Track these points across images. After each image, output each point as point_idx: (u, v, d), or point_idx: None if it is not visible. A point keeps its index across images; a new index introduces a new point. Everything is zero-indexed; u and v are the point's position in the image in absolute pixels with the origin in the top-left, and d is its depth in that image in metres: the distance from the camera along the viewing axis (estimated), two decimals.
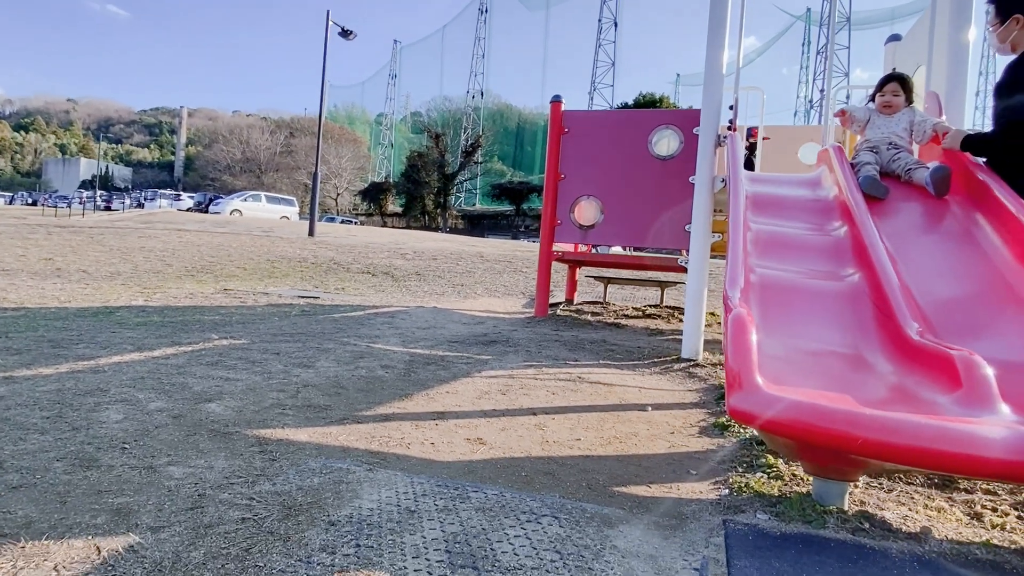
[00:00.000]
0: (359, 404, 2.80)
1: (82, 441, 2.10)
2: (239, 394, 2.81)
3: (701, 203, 4.27)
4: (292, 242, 13.57)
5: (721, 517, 1.74)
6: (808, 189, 3.91)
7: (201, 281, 8.26)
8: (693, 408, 3.06)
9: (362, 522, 1.58)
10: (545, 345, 4.61)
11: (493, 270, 10.95)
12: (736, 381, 1.69)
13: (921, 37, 4.85)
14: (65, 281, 7.62)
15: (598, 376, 3.64)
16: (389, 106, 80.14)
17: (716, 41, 4.22)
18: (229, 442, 2.18)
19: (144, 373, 3.11)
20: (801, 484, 2.00)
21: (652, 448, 2.40)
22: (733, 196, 3.29)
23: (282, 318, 5.39)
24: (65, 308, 5.44)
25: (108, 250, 10.89)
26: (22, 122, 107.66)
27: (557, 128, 6.06)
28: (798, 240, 3.20)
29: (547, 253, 6.11)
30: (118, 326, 4.55)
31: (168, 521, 1.55)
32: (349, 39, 17.99)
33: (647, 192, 5.68)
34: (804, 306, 2.66)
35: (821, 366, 2.31)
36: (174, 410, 2.51)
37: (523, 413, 2.80)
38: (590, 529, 1.62)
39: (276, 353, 3.79)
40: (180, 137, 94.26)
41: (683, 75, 71.28)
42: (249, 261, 10.60)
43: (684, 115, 5.71)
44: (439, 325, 5.42)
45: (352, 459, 2.09)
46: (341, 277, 9.58)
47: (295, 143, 63.52)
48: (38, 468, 1.85)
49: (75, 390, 2.74)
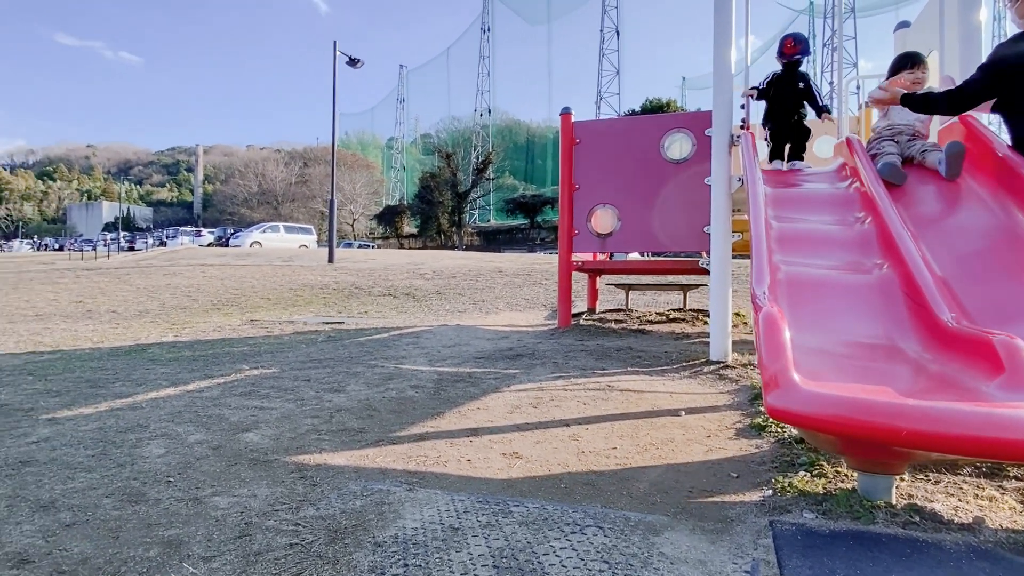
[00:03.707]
0: (393, 425, 2.82)
1: (128, 476, 2.15)
2: (275, 422, 2.85)
3: (719, 204, 4.25)
4: (313, 270, 13.74)
5: (767, 518, 1.72)
6: (827, 182, 3.89)
7: (227, 314, 8.39)
8: (727, 410, 3.03)
9: (407, 542, 1.59)
10: (571, 356, 4.60)
11: (512, 284, 10.97)
12: (772, 380, 1.68)
13: (931, 22, 4.81)
14: (96, 322, 7.79)
15: (627, 384, 3.63)
16: (399, 130, 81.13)
17: (722, 42, 4.23)
18: (270, 470, 2.21)
19: (181, 407, 3.16)
20: (846, 480, 1.97)
21: (689, 453, 2.38)
22: (752, 195, 3.28)
23: (309, 345, 5.45)
24: (99, 348, 5.56)
25: (135, 289, 11.12)
26: (45, 170, 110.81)
27: (569, 139, 6.09)
28: (821, 234, 3.18)
29: (566, 263, 6.12)
30: (151, 363, 4.64)
31: (219, 550, 1.57)
32: (357, 67, 18.30)
33: (663, 196, 5.68)
34: (833, 300, 2.63)
35: (856, 359, 2.28)
36: (213, 441, 2.55)
37: (556, 425, 2.80)
38: (635, 537, 1.61)
39: (307, 380, 3.83)
40: (197, 174, 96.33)
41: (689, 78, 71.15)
42: (272, 291, 10.75)
43: (695, 117, 5.70)
44: (464, 342, 5.44)
45: (391, 480, 2.10)
46: (363, 301, 9.67)
47: (309, 172, 64.54)
48: (88, 505, 1.89)
49: (116, 427, 2.79)
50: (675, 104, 47.35)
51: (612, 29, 60.28)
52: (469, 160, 57.46)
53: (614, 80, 59.76)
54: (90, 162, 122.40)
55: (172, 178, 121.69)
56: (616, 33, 60.15)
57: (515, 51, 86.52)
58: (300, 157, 72.21)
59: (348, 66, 18.17)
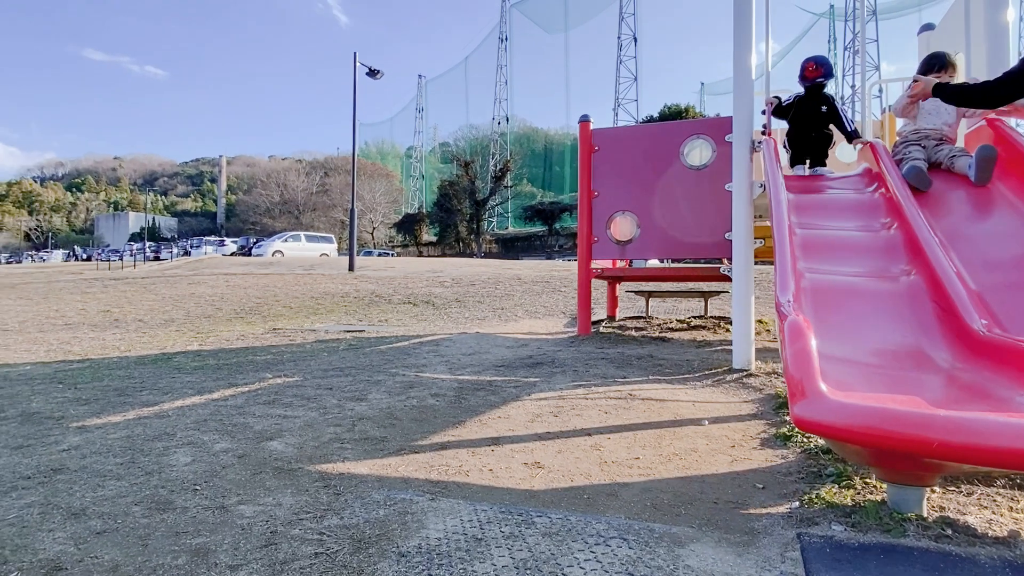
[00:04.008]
0: (414, 434, 2.83)
1: (156, 485, 2.18)
2: (298, 431, 2.88)
3: (740, 210, 4.22)
4: (333, 278, 13.87)
5: (795, 530, 1.69)
6: (851, 188, 3.84)
7: (250, 322, 8.50)
8: (751, 420, 2.99)
9: (431, 552, 1.59)
10: (592, 364, 4.58)
11: (532, 292, 10.96)
12: (799, 389, 1.66)
13: (956, 23, 4.74)
14: (124, 331, 7.94)
15: (649, 392, 3.60)
16: (418, 139, 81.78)
17: (742, 47, 4.21)
18: (294, 478, 2.23)
19: (206, 415, 3.21)
20: (875, 492, 1.93)
21: (714, 463, 2.35)
22: (774, 201, 3.25)
23: (331, 353, 5.50)
24: (126, 357, 5.66)
25: (161, 298, 11.32)
26: (75, 182, 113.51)
27: (587, 147, 6.09)
28: (846, 241, 3.13)
29: (586, 271, 6.10)
30: (177, 371, 4.72)
31: (245, 559, 1.59)
32: (376, 78, 18.51)
33: (683, 203, 5.64)
34: (860, 308, 2.59)
35: (884, 369, 2.24)
36: (238, 450, 2.58)
37: (577, 434, 2.79)
38: (660, 549, 1.59)
39: (329, 388, 3.87)
40: (221, 185, 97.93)
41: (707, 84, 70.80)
42: (294, 300, 10.87)
43: (715, 123, 5.67)
44: (484, 350, 5.44)
45: (414, 489, 2.11)
46: (383, 309, 9.74)
47: (330, 182, 65.23)
48: (118, 513, 1.93)
49: (144, 436, 2.84)
50: (694, 110, 47.11)
51: (629, 36, 60.25)
52: (487, 168, 57.69)
53: (632, 87, 59.66)
54: (117, 174, 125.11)
55: (196, 189, 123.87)
56: (633, 40, 60.10)
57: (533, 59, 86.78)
58: (321, 167, 73.07)
59: (368, 77, 18.39)
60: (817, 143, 4.43)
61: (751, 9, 4.20)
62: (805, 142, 4.44)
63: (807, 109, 4.44)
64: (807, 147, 4.44)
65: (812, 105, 4.43)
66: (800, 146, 4.46)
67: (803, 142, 4.45)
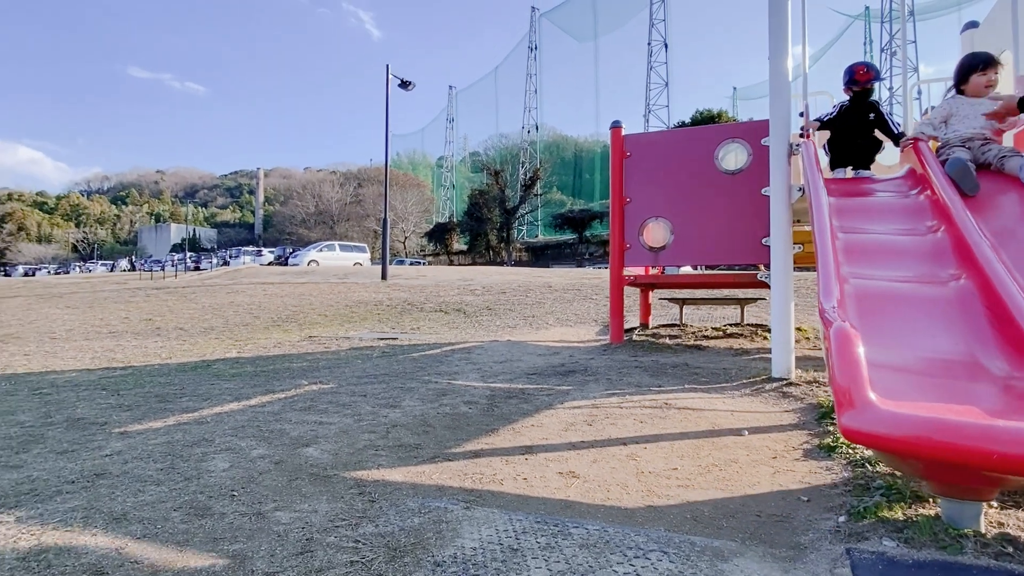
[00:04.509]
0: (448, 441, 2.82)
1: (194, 490, 2.21)
2: (333, 437, 2.89)
3: (779, 214, 4.12)
4: (367, 287, 14.03)
5: (843, 545, 1.62)
6: (895, 190, 3.71)
7: (287, 330, 8.64)
8: (793, 430, 2.90)
9: (467, 562, 1.57)
10: (625, 372, 4.52)
11: (563, 299, 10.91)
12: (846, 398, 1.60)
13: (1003, 20, 4.57)
14: (165, 339, 8.15)
15: (685, 401, 3.53)
16: (448, 149, 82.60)
17: (778, 49, 4.12)
18: (329, 485, 2.23)
19: (244, 422, 3.25)
20: (927, 506, 1.85)
21: (755, 474, 2.28)
22: (815, 205, 3.16)
23: (365, 360, 5.54)
24: (167, 364, 5.80)
25: (201, 307, 11.60)
26: (119, 195, 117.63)
27: (619, 153, 6.04)
28: (891, 245, 3.03)
29: (618, 278, 6.04)
30: (216, 378, 4.81)
31: (281, 566, 1.59)
32: (408, 90, 18.74)
33: (718, 208, 5.55)
34: (907, 314, 2.50)
35: (935, 377, 2.14)
36: (275, 456, 2.61)
37: (612, 444, 2.74)
38: (702, 563, 1.54)
39: (363, 395, 3.89)
40: (258, 196, 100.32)
41: (740, 88, 69.86)
42: (329, 308, 11.02)
43: (750, 127, 5.57)
44: (515, 358, 5.42)
45: (448, 497, 2.09)
46: (415, 317, 9.80)
47: (363, 192, 66.28)
48: (158, 518, 1.95)
49: (183, 441, 2.89)
50: (726, 115, 46.50)
51: (660, 42, 59.92)
52: (517, 176, 57.91)
53: (662, 93, 59.25)
54: (159, 186, 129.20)
55: (235, 200, 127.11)
56: (664, 45, 59.74)
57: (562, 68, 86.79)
58: (354, 178, 74.31)
59: (400, 88, 18.63)
60: (864, 149, 4.26)
61: (787, 11, 4.12)
62: (850, 148, 4.27)
63: (854, 119, 4.27)
64: (852, 153, 4.27)
65: (860, 113, 4.26)
66: (844, 152, 4.30)
67: (848, 148, 4.28)
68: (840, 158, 4.30)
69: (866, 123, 4.24)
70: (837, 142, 4.34)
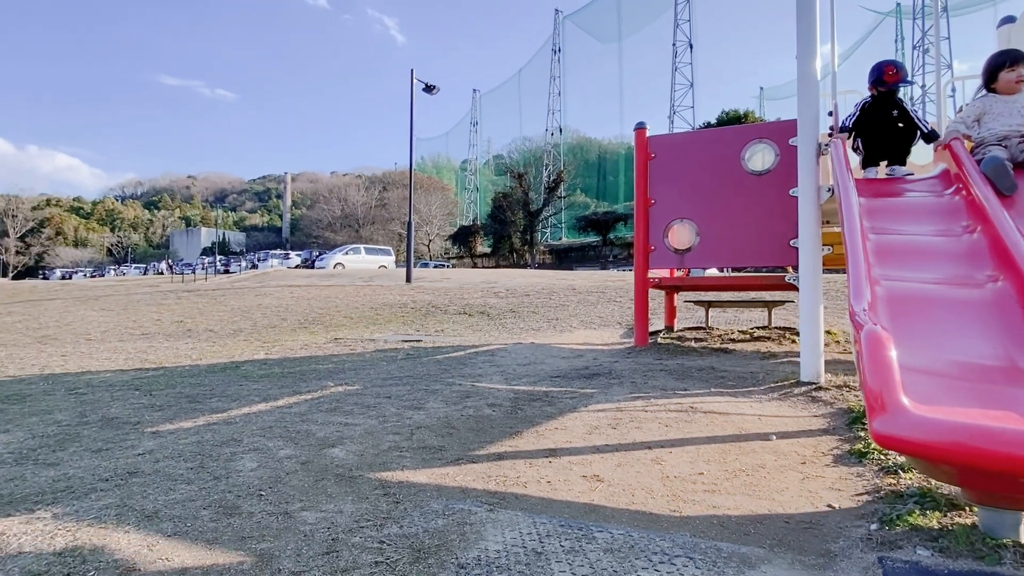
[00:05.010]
0: (471, 444, 2.82)
1: (223, 490, 2.25)
2: (358, 438, 2.92)
3: (807, 216, 4.05)
4: (392, 289, 14.15)
5: (875, 554, 1.58)
6: (928, 190, 3.62)
7: (313, 332, 8.75)
8: (822, 435, 2.84)
9: (491, 564, 1.57)
10: (650, 375, 4.48)
11: (586, 302, 10.86)
12: (878, 403, 1.56)
13: None
14: (195, 340, 8.31)
15: (711, 405, 3.48)
16: (472, 152, 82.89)
17: (807, 47, 4.05)
18: (354, 486, 2.25)
19: (271, 422, 3.30)
20: (964, 515, 1.80)
21: (783, 480, 2.24)
22: (845, 205, 3.10)
23: (389, 362, 5.58)
24: (197, 365, 5.92)
25: (230, 310, 11.81)
26: (152, 200, 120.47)
27: (643, 154, 6.00)
28: (924, 246, 2.95)
29: (642, 280, 5.99)
30: (244, 379, 4.89)
31: (307, 566, 1.61)
32: (433, 94, 18.88)
33: (744, 210, 5.47)
34: (941, 317, 2.43)
35: (971, 382, 2.08)
36: (301, 457, 2.64)
37: (637, 447, 2.72)
38: (729, 570, 1.52)
39: (388, 397, 3.92)
40: (286, 201, 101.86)
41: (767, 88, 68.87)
42: (355, 310, 11.14)
43: (777, 127, 5.49)
44: (539, 361, 5.41)
45: (472, 500, 2.09)
46: (439, 319, 9.85)
47: (388, 196, 66.88)
48: (188, 516, 1.99)
49: (213, 441, 2.94)
50: (753, 115, 45.89)
51: (685, 42, 59.36)
52: (540, 179, 57.87)
53: (688, 93, 58.66)
54: (190, 191, 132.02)
55: (263, 205, 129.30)
56: (689, 46, 59.19)
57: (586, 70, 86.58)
58: (379, 182, 75.05)
59: (424, 93, 18.77)
60: (897, 143, 4.15)
61: (815, 9, 4.05)
62: (880, 144, 4.18)
63: (879, 115, 4.18)
64: (884, 149, 4.17)
65: (884, 111, 4.17)
66: (875, 149, 4.20)
67: (878, 145, 4.19)
68: (871, 156, 4.20)
69: (890, 120, 4.14)
70: (866, 140, 4.24)
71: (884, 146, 4.13)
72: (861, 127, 4.23)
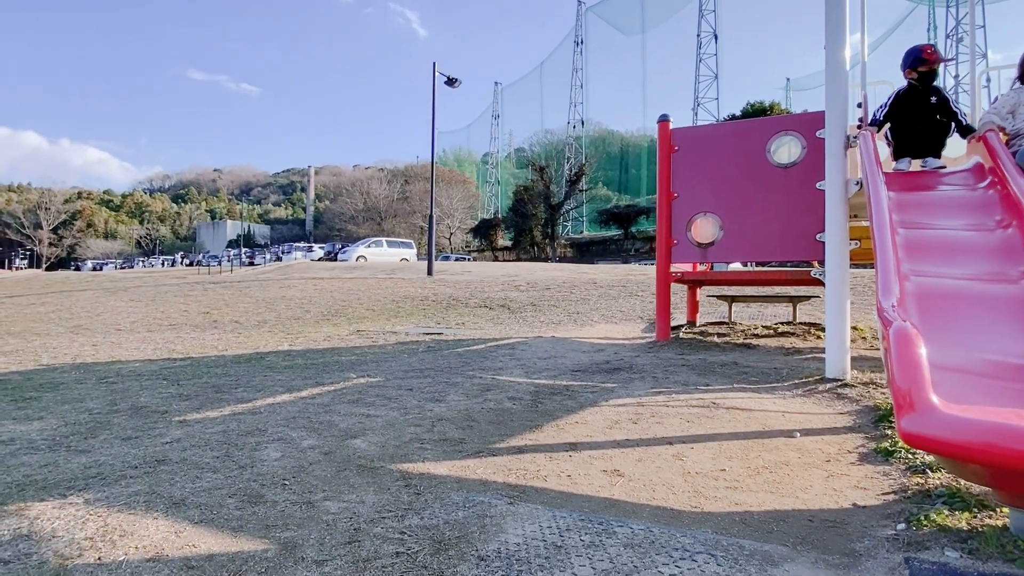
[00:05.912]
0: (492, 437, 2.83)
1: (248, 479, 2.28)
2: (380, 430, 2.95)
3: (834, 209, 3.97)
4: (413, 282, 14.23)
5: (902, 554, 1.56)
6: (960, 184, 3.53)
7: (336, 324, 8.85)
8: (847, 433, 2.80)
9: (511, 557, 1.58)
10: (672, 370, 4.45)
11: (608, 296, 10.81)
12: (907, 401, 1.53)
13: None
14: (221, 331, 8.45)
15: (734, 401, 3.45)
16: (494, 145, 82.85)
17: (836, 37, 3.96)
18: (376, 477, 2.27)
19: (295, 413, 3.35)
20: (994, 516, 1.76)
21: (807, 478, 2.21)
22: (874, 199, 3.03)
23: (410, 355, 5.62)
24: (223, 356, 6.02)
25: (255, 301, 11.99)
26: (179, 193, 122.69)
27: (666, 147, 5.94)
28: (956, 241, 2.88)
29: (665, 274, 5.94)
30: (269, 370, 4.96)
31: (330, 555, 1.63)
32: (455, 87, 18.88)
33: (769, 203, 5.39)
34: (973, 313, 2.37)
35: (1003, 380, 2.03)
36: (324, 447, 2.67)
37: (658, 443, 2.70)
38: (751, 568, 1.50)
39: (409, 389, 3.95)
40: (309, 194, 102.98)
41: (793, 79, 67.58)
42: (377, 303, 11.23)
43: (804, 119, 5.39)
44: (559, 355, 5.40)
45: (492, 492, 2.10)
46: (460, 312, 9.88)
47: (410, 189, 67.20)
48: (214, 504, 2.03)
49: (238, 431, 2.99)
50: (779, 107, 45.09)
51: (709, 33, 58.53)
52: (562, 172, 57.63)
53: (712, 85, 57.89)
54: (216, 185, 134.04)
55: (287, 198, 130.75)
56: (714, 37, 58.35)
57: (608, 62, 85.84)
58: (401, 175, 75.43)
59: (446, 86, 18.78)
60: (930, 135, 4.01)
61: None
62: (914, 135, 4.04)
63: (914, 103, 4.04)
64: (916, 141, 4.03)
65: (921, 97, 4.03)
66: (906, 141, 4.07)
67: (910, 136, 4.05)
68: (902, 148, 4.07)
69: (928, 107, 4.00)
70: (898, 131, 4.12)
71: (919, 136, 4.00)
72: (894, 116, 4.10)
